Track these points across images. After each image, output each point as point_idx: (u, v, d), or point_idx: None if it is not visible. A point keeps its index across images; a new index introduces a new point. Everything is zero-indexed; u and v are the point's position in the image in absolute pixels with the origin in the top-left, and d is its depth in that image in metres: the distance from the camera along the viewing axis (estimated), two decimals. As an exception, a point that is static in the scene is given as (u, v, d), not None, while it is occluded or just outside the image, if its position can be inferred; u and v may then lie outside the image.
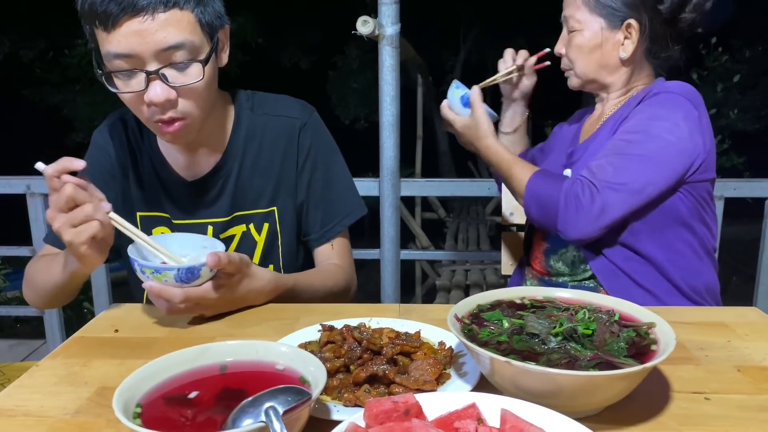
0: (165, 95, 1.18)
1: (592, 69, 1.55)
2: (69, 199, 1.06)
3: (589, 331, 0.85)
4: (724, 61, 9.15)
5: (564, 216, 1.40)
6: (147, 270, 1.11)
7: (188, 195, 1.41)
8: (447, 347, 0.94)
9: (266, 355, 0.83)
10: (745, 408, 0.84)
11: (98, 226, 1.07)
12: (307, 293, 1.35)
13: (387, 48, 2.11)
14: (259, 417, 0.66)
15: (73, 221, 1.06)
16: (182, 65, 1.18)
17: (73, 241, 1.06)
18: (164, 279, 1.10)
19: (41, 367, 1.00)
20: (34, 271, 1.34)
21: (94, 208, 1.07)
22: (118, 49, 1.14)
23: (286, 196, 1.44)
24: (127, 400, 0.72)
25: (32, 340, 3.66)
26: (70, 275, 1.20)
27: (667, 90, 1.44)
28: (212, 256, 1.09)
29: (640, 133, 1.40)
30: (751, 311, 1.20)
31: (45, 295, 1.33)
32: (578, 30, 1.52)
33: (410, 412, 0.69)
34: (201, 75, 1.20)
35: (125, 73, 1.18)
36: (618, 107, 1.56)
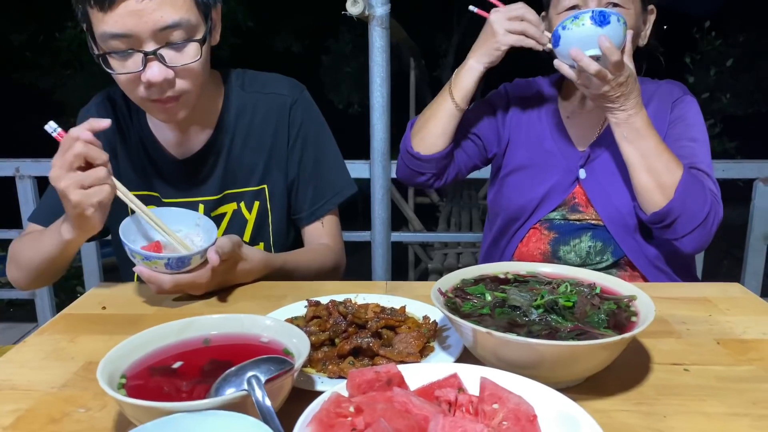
0: (163, 75, 1.17)
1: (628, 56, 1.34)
2: (78, 156, 1.05)
3: (570, 303, 0.86)
4: (717, 45, 9.15)
5: (701, 232, 1.33)
6: (137, 256, 1.12)
7: (178, 173, 1.41)
8: (431, 321, 0.95)
9: (251, 328, 0.84)
10: (722, 378, 0.86)
11: (109, 190, 1.07)
12: (297, 272, 1.36)
13: (377, 29, 2.10)
14: (242, 386, 0.67)
15: (83, 182, 1.05)
16: (179, 45, 1.18)
17: (81, 203, 1.05)
18: (154, 266, 1.11)
19: (28, 343, 1.00)
20: (20, 247, 1.33)
21: (107, 173, 1.07)
22: (114, 29, 1.13)
23: (277, 174, 1.44)
24: (111, 372, 0.73)
25: (24, 323, 3.66)
26: (64, 245, 1.18)
27: (687, 92, 1.52)
28: (213, 255, 1.11)
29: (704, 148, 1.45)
30: (733, 287, 1.22)
31: (32, 270, 1.31)
32: (627, 9, 1.36)
33: (392, 382, 0.70)
34: (198, 54, 1.20)
35: (121, 53, 1.16)
36: None
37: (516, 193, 1.57)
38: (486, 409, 0.66)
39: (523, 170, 1.58)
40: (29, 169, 2.77)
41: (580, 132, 1.55)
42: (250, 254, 1.23)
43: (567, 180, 1.51)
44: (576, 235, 1.50)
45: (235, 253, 1.18)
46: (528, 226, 1.56)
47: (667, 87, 1.53)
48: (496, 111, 1.65)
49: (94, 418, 0.78)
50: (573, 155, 1.53)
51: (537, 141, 1.58)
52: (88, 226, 1.11)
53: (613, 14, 1.25)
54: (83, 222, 1.10)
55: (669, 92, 1.52)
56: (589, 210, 1.49)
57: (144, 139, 1.41)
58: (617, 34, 1.25)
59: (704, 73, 9.20)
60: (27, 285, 1.36)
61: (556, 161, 1.53)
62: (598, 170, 1.49)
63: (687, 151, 1.42)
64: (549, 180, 1.52)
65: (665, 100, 1.50)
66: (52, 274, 1.34)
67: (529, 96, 1.64)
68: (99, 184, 1.06)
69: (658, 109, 1.49)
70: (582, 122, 1.56)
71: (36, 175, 2.80)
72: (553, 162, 1.53)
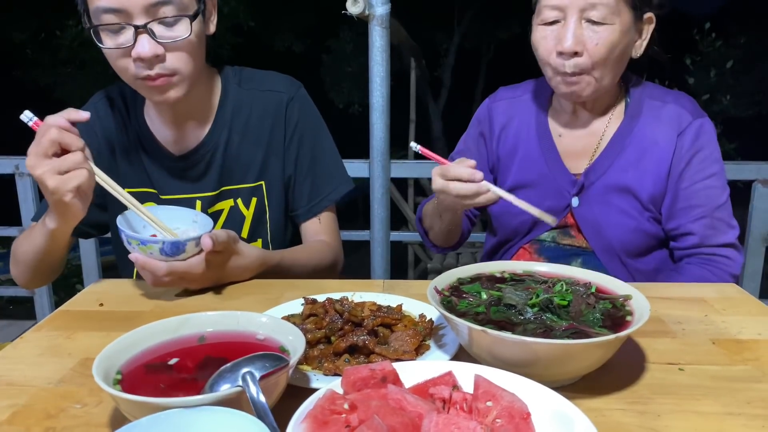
0: (153, 50, 1.18)
1: (614, 76, 1.35)
2: (53, 143, 1.05)
3: (565, 302, 0.87)
4: (717, 47, 9.15)
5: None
6: (133, 241, 1.12)
7: (176, 169, 1.41)
8: (427, 319, 0.96)
9: (247, 326, 0.84)
10: (717, 378, 0.86)
11: (86, 175, 1.07)
12: (294, 269, 1.36)
13: (377, 28, 2.10)
14: (237, 382, 0.67)
15: (60, 168, 1.05)
16: (170, 20, 1.19)
17: (58, 189, 1.05)
18: (149, 251, 1.11)
19: (25, 339, 1.00)
20: (18, 244, 1.34)
21: (83, 158, 1.07)
22: (106, 3, 1.15)
23: (274, 171, 1.44)
24: (107, 368, 0.73)
25: (24, 320, 3.67)
26: (49, 234, 1.18)
27: (703, 115, 1.42)
28: (206, 239, 1.11)
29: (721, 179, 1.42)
30: (729, 287, 1.22)
31: (28, 266, 1.31)
32: (611, 24, 1.27)
33: (387, 379, 0.71)
34: (188, 31, 1.21)
35: (113, 27, 1.18)
36: (621, 119, 1.44)
37: (507, 214, 1.53)
38: (480, 406, 0.66)
39: (517, 191, 1.48)
40: (29, 167, 2.77)
41: (573, 153, 1.48)
42: (246, 250, 1.24)
43: (559, 205, 1.47)
44: (566, 260, 1.47)
45: (230, 246, 1.18)
46: (518, 246, 1.54)
47: (674, 109, 1.41)
48: (479, 145, 1.60)
49: (90, 413, 0.78)
50: (566, 180, 1.46)
51: (528, 161, 1.51)
52: (69, 213, 1.11)
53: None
54: (64, 209, 1.10)
55: (676, 116, 1.40)
56: (579, 237, 1.47)
57: (141, 136, 1.41)
58: None
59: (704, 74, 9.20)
60: (26, 281, 1.37)
61: (548, 185, 1.48)
62: (591, 199, 1.44)
63: (702, 195, 1.39)
64: (541, 204, 1.38)
65: (670, 126, 1.40)
66: (47, 270, 1.34)
67: (516, 111, 1.56)
68: (75, 169, 1.06)
69: (661, 137, 1.40)
70: (575, 142, 1.48)
71: (35, 173, 2.80)
72: (545, 185, 1.48)
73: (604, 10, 1.25)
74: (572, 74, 1.31)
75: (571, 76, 1.31)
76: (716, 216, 1.40)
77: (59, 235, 1.19)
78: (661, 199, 1.42)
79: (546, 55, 1.33)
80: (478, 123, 1.62)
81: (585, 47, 1.28)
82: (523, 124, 1.54)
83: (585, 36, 1.27)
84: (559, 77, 1.34)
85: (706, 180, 1.39)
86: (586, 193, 1.45)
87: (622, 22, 1.28)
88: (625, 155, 1.41)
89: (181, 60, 1.23)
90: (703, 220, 1.39)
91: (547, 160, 1.49)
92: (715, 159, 1.41)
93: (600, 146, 1.45)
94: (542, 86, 1.55)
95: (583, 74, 1.31)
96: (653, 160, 1.40)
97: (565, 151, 1.49)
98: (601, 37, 1.27)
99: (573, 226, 1.47)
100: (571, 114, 1.49)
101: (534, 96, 1.56)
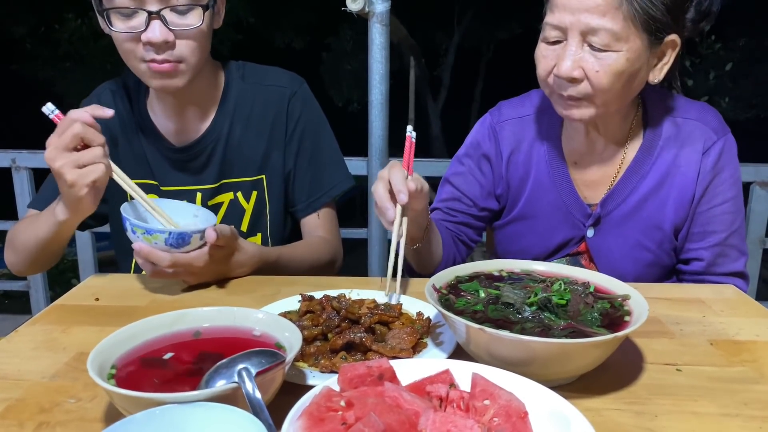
0: (163, 36, 1.19)
1: (621, 102, 1.23)
2: (76, 137, 1.06)
3: (564, 301, 0.86)
4: (717, 50, 9.15)
5: None
6: (138, 230, 1.11)
7: (177, 161, 1.41)
8: (425, 317, 0.95)
9: (243, 322, 0.84)
10: (715, 379, 0.86)
11: (104, 170, 1.08)
12: (292, 265, 1.36)
13: (377, 26, 2.09)
14: (233, 378, 0.66)
15: (79, 161, 1.06)
16: (182, 8, 1.21)
17: (77, 182, 1.06)
18: (154, 241, 1.10)
19: (20, 332, 1.00)
20: (17, 231, 1.34)
21: (103, 153, 1.08)
22: None
23: (275, 165, 1.44)
24: (102, 362, 0.72)
25: (19, 315, 3.66)
26: (58, 226, 1.18)
27: (726, 130, 1.32)
28: (211, 231, 1.11)
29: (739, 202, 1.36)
30: (727, 288, 1.22)
31: (27, 254, 1.31)
32: (615, 51, 1.13)
33: (384, 377, 0.70)
34: (200, 20, 1.22)
35: (125, 11, 1.19)
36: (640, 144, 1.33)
37: (521, 248, 1.43)
38: (477, 405, 0.66)
39: (526, 220, 1.42)
40: (26, 161, 2.76)
41: (589, 182, 1.37)
42: (245, 246, 1.24)
43: (574, 236, 1.38)
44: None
45: (231, 242, 1.18)
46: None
47: (699, 127, 1.30)
48: (483, 167, 1.46)
49: (84, 408, 0.78)
50: (581, 211, 1.36)
51: (539, 191, 1.40)
52: (81, 206, 1.11)
53: None
54: (77, 203, 1.10)
55: (701, 135, 1.30)
56: (591, 266, 1.38)
57: (144, 127, 1.42)
58: None
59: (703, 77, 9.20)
60: (22, 269, 1.36)
61: (563, 217, 1.38)
62: (607, 230, 1.35)
63: (719, 221, 1.32)
64: (555, 237, 1.39)
65: (694, 148, 1.30)
66: (46, 259, 1.34)
67: (525, 134, 1.42)
68: (95, 163, 1.07)
69: (684, 160, 1.30)
70: (592, 170, 1.37)
71: (32, 167, 2.79)
72: (558, 216, 1.38)
73: (607, 37, 1.11)
74: (569, 98, 1.20)
75: (568, 100, 1.20)
76: (729, 243, 1.33)
77: (67, 226, 1.19)
78: (684, 226, 1.34)
79: (544, 74, 1.22)
80: (480, 145, 1.46)
81: (585, 73, 1.15)
82: (534, 149, 1.41)
83: (585, 61, 1.14)
84: (556, 96, 1.23)
85: (723, 204, 1.32)
86: (601, 225, 1.35)
87: (631, 49, 1.13)
88: (646, 182, 1.31)
89: (189, 48, 1.24)
90: (716, 248, 1.33)
91: (561, 191, 1.38)
92: (735, 180, 1.33)
93: (619, 174, 1.34)
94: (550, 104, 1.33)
95: (583, 100, 1.19)
96: (675, 186, 1.31)
97: (581, 180, 1.38)
98: (603, 64, 1.13)
99: (584, 254, 1.40)
100: (586, 137, 1.35)
101: (544, 116, 1.41)
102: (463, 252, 1.50)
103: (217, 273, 1.21)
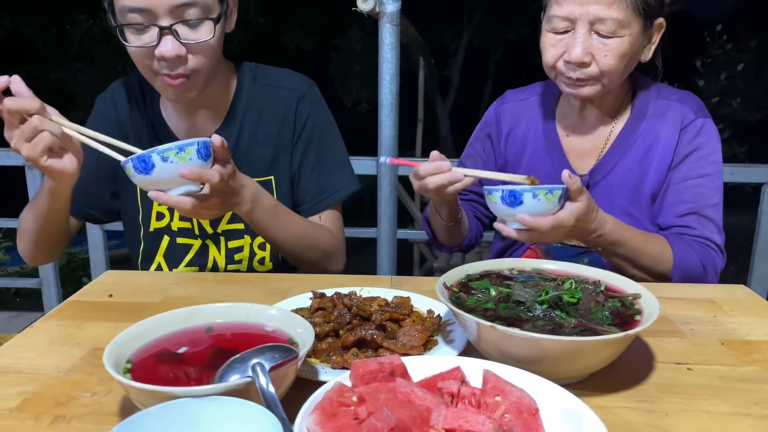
0: (176, 51, 1.20)
1: (622, 80, 1.38)
2: (12, 112, 1.06)
3: (575, 299, 0.87)
4: (728, 50, 9.09)
5: (705, 280, 1.35)
6: (169, 152, 1.01)
7: None
8: (435, 315, 0.96)
9: (256, 318, 0.85)
10: (725, 378, 0.86)
11: (49, 137, 1.06)
12: (289, 227, 1.34)
13: (387, 26, 2.10)
14: (246, 372, 0.67)
15: (24, 135, 1.06)
16: (194, 22, 1.21)
17: (30, 156, 1.06)
18: (188, 157, 1.04)
19: (35, 328, 1.01)
20: (22, 216, 1.35)
21: (40, 120, 1.07)
22: (133, 3, 1.16)
23: (283, 166, 1.45)
24: (117, 357, 0.73)
25: (31, 312, 3.69)
26: (49, 195, 1.19)
27: (707, 115, 1.42)
28: (216, 137, 1.10)
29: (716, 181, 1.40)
30: (738, 288, 1.22)
31: (32, 236, 1.32)
32: (620, 36, 1.27)
33: (395, 373, 0.71)
34: (212, 33, 1.23)
35: (138, 27, 1.20)
36: (626, 120, 1.44)
37: None
38: (488, 401, 0.66)
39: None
40: (39, 160, 2.79)
41: (579, 154, 1.49)
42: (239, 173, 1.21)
43: None
44: (573, 260, 1.42)
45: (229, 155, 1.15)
46: (526, 247, 1.54)
47: (679, 107, 1.42)
48: (486, 147, 1.62)
49: (100, 402, 0.79)
50: None
51: (535, 162, 1.52)
52: (54, 173, 1.12)
53: (525, 192, 1.10)
54: (47, 171, 1.11)
55: (680, 113, 1.41)
56: None
57: (155, 125, 1.43)
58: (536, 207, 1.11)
59: (715, 77, 9.15)
60: (30, 254, 1.38)
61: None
62: (596, 199, 1.37)
63: (693, 192, 1.38)
64: None
65: (674, 123, 1.41)
66: (49, 241, 1.35)
67: (523, 113, 1.57)
68: (37, 133, 1.06)
69: (665, 134, 1.41)
70: (582, 143, 1.49)
71: (45, 166, 2.81)
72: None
73: (614, 25, 1.25)
74: (577, 80, 1.32)
75: (576, 81, 1.33)
76: (705, 214, 1.38)
77: (58, 193, 1.19)
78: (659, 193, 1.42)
79: (552, 61, 1.34)
80: (486, 126, 1.63)
81: (594, 58, 1.29)
82: (531, 125, 1.55)
83: (594, 47, 1.28)
84: (564, 78, 1.35)
85: (699, 179, 1.39)
86: (591, 192, 1.39)
87: (632, 33, 1.28)
88: (630, 154, 1.42)
89: (201, 60, 1.25)
90: (692, 216, 1.37)
91: (554, 161, 1.49)
92: (713, 161, 1.40)
93: (606, 146, 1.45)
94: (550, 88, 1.55)
95: (590, 80, 1.32)
96: (656, 156, 1.40)
97: (572, 151, 1.49)
98: (611, 48, 1.27)
99: None
100: (578, 114, 1.48)
101: (541, 98, 1.56)
102: (480, 228, 1.67)
103: (232, 192, 1.17)
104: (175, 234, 1.44)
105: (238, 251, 1.45)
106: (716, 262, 1.37)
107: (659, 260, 1.31)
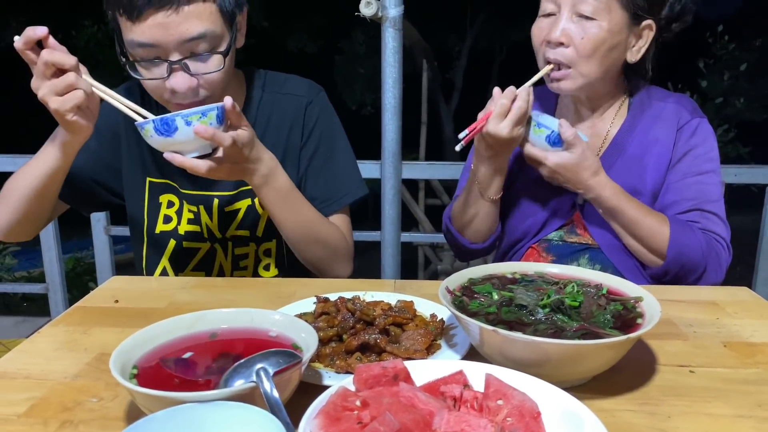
0: (187, 84, 1.21)
1: (601, 72, 1.37)
2: (48, 64, 1.07)
3: (576, 303, 0.87)
4: (731, 50, 9.07)
5: (707, 279, 1.35)
6: (193, 117, 1.07)
7: None
8: (438, 319, 0.96)
9: (260, 323, 0.86)
10: (728, 381, 0.86)
11: (82, 96, 1.09)
12: (297, 214, 1.34)
13: (390, 30, 2.11)
14: (251, 377, 0.68)
15: (56, 89, 1.07)
16: (203, 56, 1.21)
17: (59, 109, 1.08)
18: (209, 122, 1.09)
19: (43, 333, 1.02)
20: (11, 179, 1.29)
21: (76, 78, 1.08)
22: (141, 39, 1.17)
23: (291, 172, 1.45)
24: (124, 362, 0.74)
25: (37, 317, 3.71)
26: (61, 148, 1.18)
27: (702, 116, 1.45)
28: (228, 98, 1.12)
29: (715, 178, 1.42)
30: (741, 291, 1.22)
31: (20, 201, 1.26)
32: (598, 20, 1.31)
33: (398, 377, 0.72)
34: (221, 65, 1.24)
35: (147, 61, 1.21)
36: (623, 120, 1.47)
37: (518, 217, 1.54)
38: (490, 405, 0.67)
39: (522, 188, 1.54)
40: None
41: None
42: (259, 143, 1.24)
43: (565, 205, 1.48)
44: (574, 257, 1.48)
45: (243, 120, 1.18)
46: (527, 246, 1.54)
47: (675, 108, 1.45)
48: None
49: (106, 407, 0.80)
50: None
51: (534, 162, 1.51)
52: (75, 128, 1.13)
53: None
54: (71, 126, 1.12)
55: (676, 114, 1.44)
56: (586, 234, 1.46)
57: None
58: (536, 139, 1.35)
59: (718, 77, 9.13)
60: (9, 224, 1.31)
61: (554, 185, 1.45)
62: None
63: (693, 189, 1.39)
64: (548, 204, 1.50)
65: (671, 123, 1.43)
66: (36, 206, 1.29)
67: None
68: (71, 90, 1.08)
69: (662, 134, 1.43)
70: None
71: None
72: (551, 184, 1.45)
73: (593, 5, 1.30)
74: (559, 68, 1.36)
75: (558, 70, 1.37)
76: (708, 209, 1.38)
77: (70, 149, 1.20)
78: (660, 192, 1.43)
79: (537, 43, 1.40)
80: None
81: (572, 40, 1.33)
82: None
83: (573, 30, 1.33)
84: (545, 64, 1.39)
85: (698, 176, 1.40)
86: None
87: (612, 21, 1.31)
88: (628, 154, 1.44)
89: (213, 88, 1.26)
90: (695, 212, 1.38)
91: None
92: (710, 158, 1.42)
93: (604, 146, 1.48)
94: (548, 90, 1.55)
95: (570, 68, 1.36)
96: (654, 156, 1.42)
97: None
98: (588, 32, 1.31)
99: (579, 223, 1.48)
100: (575, 114, 1.51)
101: (540, 99, 1.58)
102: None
103: (247, 159, 1.20)
104: (182, 238, 1.45)
105: (243, 258, 1.46)
106: (721, 255, 1.37)
107: (655, 234, 1.33)
